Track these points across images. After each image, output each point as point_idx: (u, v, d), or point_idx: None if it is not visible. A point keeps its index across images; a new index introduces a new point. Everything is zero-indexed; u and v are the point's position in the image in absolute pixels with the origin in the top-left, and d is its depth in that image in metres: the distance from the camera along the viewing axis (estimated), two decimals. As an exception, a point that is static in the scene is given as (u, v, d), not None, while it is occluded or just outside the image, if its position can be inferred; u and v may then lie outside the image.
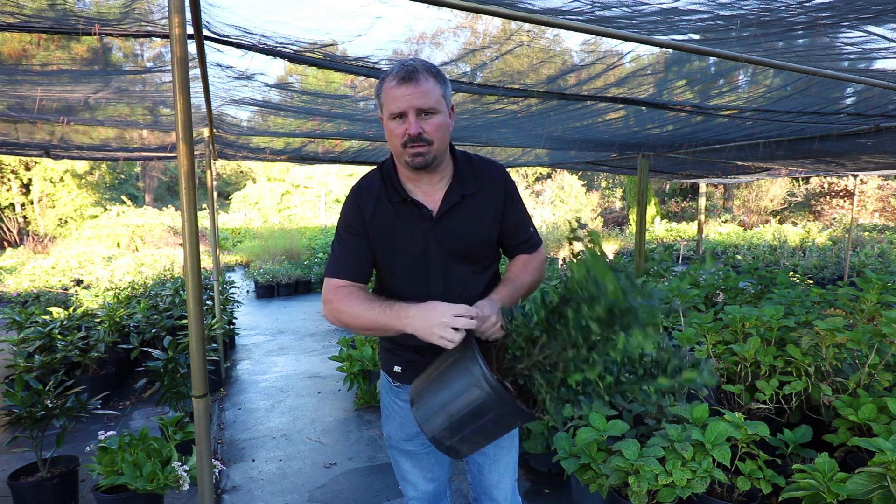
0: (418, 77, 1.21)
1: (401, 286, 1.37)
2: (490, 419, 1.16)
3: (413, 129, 1.21)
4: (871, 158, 5.32)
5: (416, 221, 1.33)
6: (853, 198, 7.97)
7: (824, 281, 8.92)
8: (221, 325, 4.20)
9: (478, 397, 1.13)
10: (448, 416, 1.17)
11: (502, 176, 1.41)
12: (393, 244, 1.34)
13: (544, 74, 2.74)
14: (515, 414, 1.15)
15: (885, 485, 1.75)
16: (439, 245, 1.34)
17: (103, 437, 2.44)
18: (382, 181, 1.36)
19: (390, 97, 1.23)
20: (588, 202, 20.10)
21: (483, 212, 1.37)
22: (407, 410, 1.46)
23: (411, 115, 1.21)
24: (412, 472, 1.54)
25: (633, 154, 5.36)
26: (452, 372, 1.17)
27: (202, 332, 1.44)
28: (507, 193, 1.39)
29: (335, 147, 5.15)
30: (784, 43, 2.18)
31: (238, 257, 13.25)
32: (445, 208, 1.33)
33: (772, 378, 2.65)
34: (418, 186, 1.35)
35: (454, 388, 1.16)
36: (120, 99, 3.15)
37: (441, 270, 1.35)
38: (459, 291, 1.36)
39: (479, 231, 1.36)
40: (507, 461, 1.54)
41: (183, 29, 1.27)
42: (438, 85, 1.24)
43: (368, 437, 3.40)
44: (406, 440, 1.50)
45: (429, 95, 1.21)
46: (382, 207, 1.34)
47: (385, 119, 1.28)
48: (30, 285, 7.72)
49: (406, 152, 1.25)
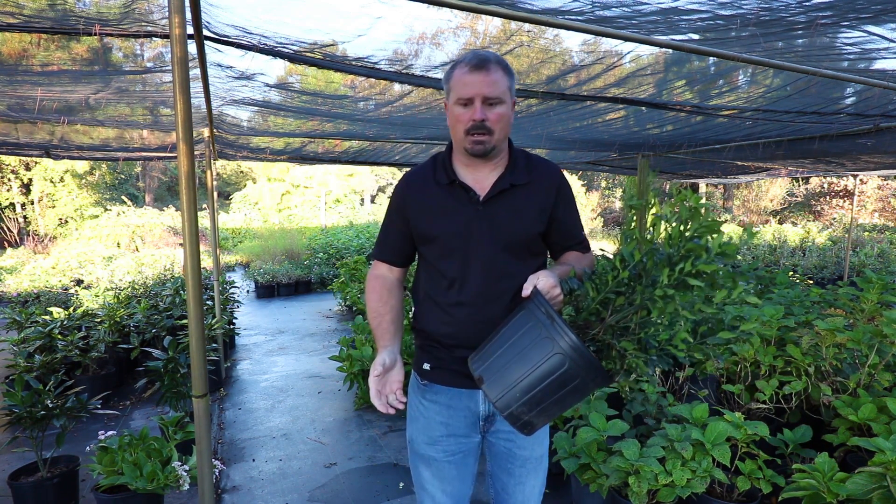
0: (489, 66, 1.25)
1: (443, 267, 1.36)
2: (572, 388, 1.13)
3: (478, 115, 1.25)
4: (870, 158, 5.32)
5: (462, 204, 1.34)
6: (853, 198, 7.97)
7: (824, 281, 8.93)
8: (221, 325, 4.21)
9: (561, 365, 1.10)
10: (527, 389, 1.13)
11: (558, 175, 1.41)
12: (436, 224, 1.35)
13: (544, 74, 2.74)
14: (598, 380, 1.13)
15: (885, 485, 1.76)
16: (482, 230, 1.33)
17: (103, 437, 2.44)
18: (434, 167, 1.39)
19: (460, 83, 1.27)
20: (588, 202, 20.11)
21: (531, 204, 1.36)
22: (432, 411, 1.43)
23: (478, 101, 1.25)
24: (431, 483, 1.46)
25: (633, 154, 5.36)
26: (527, 342, 1.13)
27: (202, 332, 1.45)
28: (559, 193, 1.40)
29: (335, 147, 5.15)
30: (784, 43, 2.18)
31: (238, 257, 13.25)
32: (493, 193, 1.33)
33: (772, 378, 2.66)
34: (470, 172, 1.37)
35: (533, 359, 1.12)
36: (120, 99, 3.15)
37: (482, 257, 1.33)
38: (498, 280, 1.34)
39: (525, 222, 1.36)
40: (533, 485, 1.47)
41: (183, 29, 1.27)
42: (506, 77, 1.29)
43: (368, 437, 3.40)
44: (428, 444, 1.44)
45: (497, 85, 1.25)
46: (429, 188, 1.37)
47: (451, 104, 1.31)
48: (30, 285, 7.72)
49: (467, 139, 1.28)
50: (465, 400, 1.41)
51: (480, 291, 1.33)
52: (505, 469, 1.47)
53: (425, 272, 1.43)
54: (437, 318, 1.38)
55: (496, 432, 1.45)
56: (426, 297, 1.42)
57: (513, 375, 1.14)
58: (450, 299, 1.36)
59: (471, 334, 1.33)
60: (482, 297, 1.33)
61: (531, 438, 1.44)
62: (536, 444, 1.46)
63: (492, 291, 1.33)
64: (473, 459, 1.48)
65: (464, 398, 1.41)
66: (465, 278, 1.34)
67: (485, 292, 1.33)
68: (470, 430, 1.44)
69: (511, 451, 1.44)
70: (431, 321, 1.40)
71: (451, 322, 1.36)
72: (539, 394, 1.13)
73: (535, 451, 1.46)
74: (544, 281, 1.19)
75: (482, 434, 1.46)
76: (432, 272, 1.40)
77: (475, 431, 1.45)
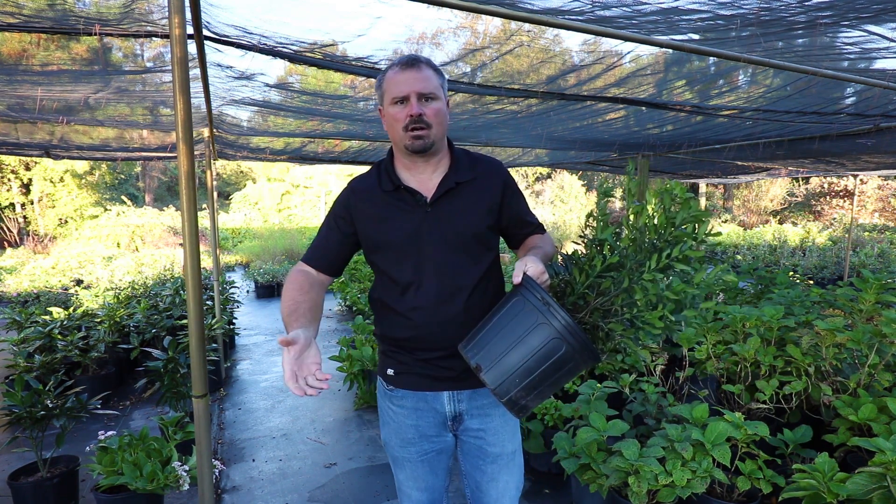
0: (419, 65, 1.28)
1: (395, 273, 1.36)
2: (567, 369, 1.16)
3: (415, 110, 1.26)
4: (871, 158, 5.32)
5: (410, 208, 1.34)
6: (853, 198, 7.97)
7: (824, 281, 8.93)
8: (221, 325, 4.20)
9: (558, 348, 1.13)
10: (526, 374, 1.15)
11: (500, 169, 1.43)
12: (386, 231, 1.35)
13: (544, 74, 2.74)
14: (589, 360, 1.17)
15: (885, 485, 1.75)
16: (433, 232, 1.33)
17: (103, 437, 2.44)
18: (378, 175, 1.39)
19: (392, 83, 1.28)
20: (588, 202, 20.11)
21: (478, 201, 1.37)
22: (401, 415, 1.44)
23: (413, 98, 1.27)
24: (406, 483, 1.49)
25: (633, 154, 5.36)
26: (523, 328, 1.15)
27: (202, 332, 1.45)
28: (505, 186, 1.42)
29: (335, 147, 5.15)
30: (784, 43, 2.18)
31: (238, 257, 13.25)
32: (440, 193, 1.34)
33: (772, 378, 2.65)
34: (414, 175, 1.36)
35: (531, 344, 1.14)
36: (120, 99, 3.15)
37: (435, 258, 1.34)
38: (452, 279, 1.35)
39: (474, 219, 1.36)
40: (507, 481, 1.48)
41: (183, 29, 1.27)
42: (437, 76, 1.31)
43: (368, 437, 3.40)
44: (401, 446, 1.46)
45: (429, 81, 1.28)
46: (375, 196, 1.36)
47: (386, 107, 1.32)
48: (30, 285, 7.72)
49: (406, 136, 1.28)
50: (431, 402, 1.42)
51: (436, 293, 1.33)
52: (477, 467, 1.48)
53: (379, 280, 1.43)
54: (396, 324, 1.38)
55: (466, 430, 1.46)
56: (383, 304, 1.42)
57: (511, 361, 1.16)
58: (406, 305, 1.35)
59: (431, 336, 1.35)
60: (438, 298, 1.34)
61: (502, 434, 1.45)
62: (507, 440, 1.46)
63: (447, 292, 1.34)
64: (447, 456, 1.51)
65: (429, 400, 1.42)
66: (419, 282, 1.34)
67: (440, 293, 1.33)
68: (440, 429, 1.45)
69: (482, 448, 1.45)
70: (391, 327, 1.40)
71: (410, 326, 1.36)
72: (537, 377, 1.16)
73: (506, 448, 1.46)
74: (533, 267, 1.20)
75: (453, 433, 1.48)
76: (384, 279, 1.40)
77: (445, 431, 1.46)
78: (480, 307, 1.35)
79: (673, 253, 1.17)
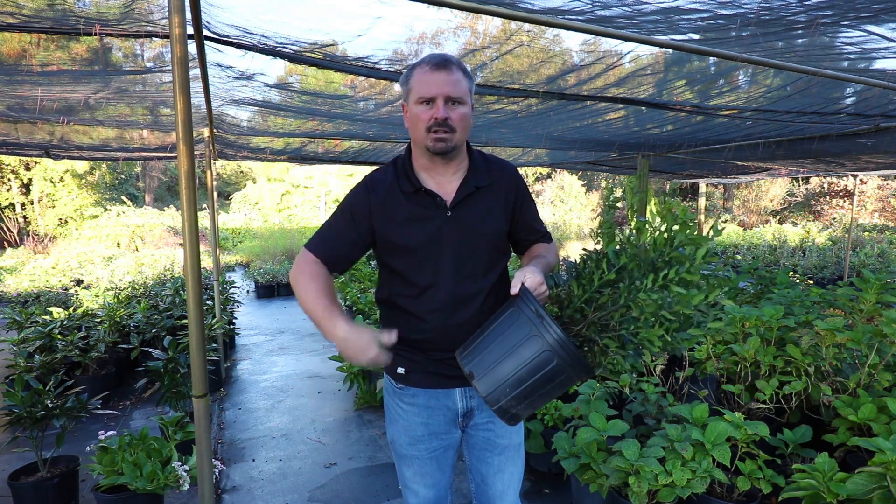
0: (451, 67, 1.26)
1: (412, 276, 1.35)
2: (559, 382, 1.18)
3: (441, 113, 1.24)
4: (871, 158, 5.32)
5: (430, 211, 1.33)
6: (853, 198, 7.98)
7: (824, 281, 8.93)
8: (221, 325, 4.20)
9: (549, 361, 1.14)
10: (517, 384, 1.17)
11: (514, 174, 1.44)
12: (407, 235, 1.33)
13: (544, 74, 2.74)
14: (582, 374, 1.18)
15: (885, 485, 1.75)
16: (452, 236, 1.33)
17: (103, 437, 2.44)
18: (396, 173, 1.37)
19: (421, 82, 1.26)
20: (588, 202, 20.11)
21: (496, 205, 1.38)
22: (410, 413, 1.44)
23: (440, 100, 1.25)
24: (413, 480, 1.49)
25: (633, 154, 5.36)
26: (516, 339, 1.16)
27: (202, 332, 1.45)
28: (518, 191, 1.43)
29: (335, 147, 5.15)
30: (784, 43, 2.18)
31: (238, 257, 13.25)
32: (460, 198, 1.33)
33: (772, 378, 2.65)
34: (433, 177, 1.36)
35: (523, 355, 1.15)
36: (120, 99, 3.15)
37: (453, 262, 1.34)
38: (470, 283, 1.35)
39: (493, 223, 1.37)
40: (512, 472, 1.50)
41: (183, 29, 1.27)
42: (467, 79, 1.29)
43: (368, 437, 3.40)
44: (410, 444, 1.46)
45: (459, 85, 1.26)
46: (394, 197, 1.34)
47: (411, 104, 1.30)
48: (30, 285, 7.71)
49: (429, 137, 1.27)
50: (444, 399, 1.42)
51: (454, 296, 1.34)
52: (483, 459, 1.49)
53: (390, 281, 1.41)
54: (411, 326, 1.38)
55: (475, 425, 1.47)
56: (395, 306, 1.41)
57: (503, 371, 1.17)
58: (422, 307, 1.35)
59: (447, 337, 1.35)
60: (455, 301, 1.34)
61: (510, 427, 1.47)
62: (514, 432, 1.49)
63: (465, 295, 1.34)
64: (453, 452, 1.52)
65: (441, 398, 1.42)
66: (437, 285, 1.34)
67: (458, 296, 1.34)
68: (450, 426, 1.46)
69: (491, 440, 1.47)
70: (405, 329, 1.38)
71: (426, 329, 1.36)
72: (528, 388, 1.17)
73: (513, 439, 1.49)
74: (531, 278, 1.20)
75: (462, 430, 1.49)
76: (398, 281, 1.38)
77: (455, 428, 1.47)
78: (495, 310, 1.35)
79: (669, 275, 1.17)
